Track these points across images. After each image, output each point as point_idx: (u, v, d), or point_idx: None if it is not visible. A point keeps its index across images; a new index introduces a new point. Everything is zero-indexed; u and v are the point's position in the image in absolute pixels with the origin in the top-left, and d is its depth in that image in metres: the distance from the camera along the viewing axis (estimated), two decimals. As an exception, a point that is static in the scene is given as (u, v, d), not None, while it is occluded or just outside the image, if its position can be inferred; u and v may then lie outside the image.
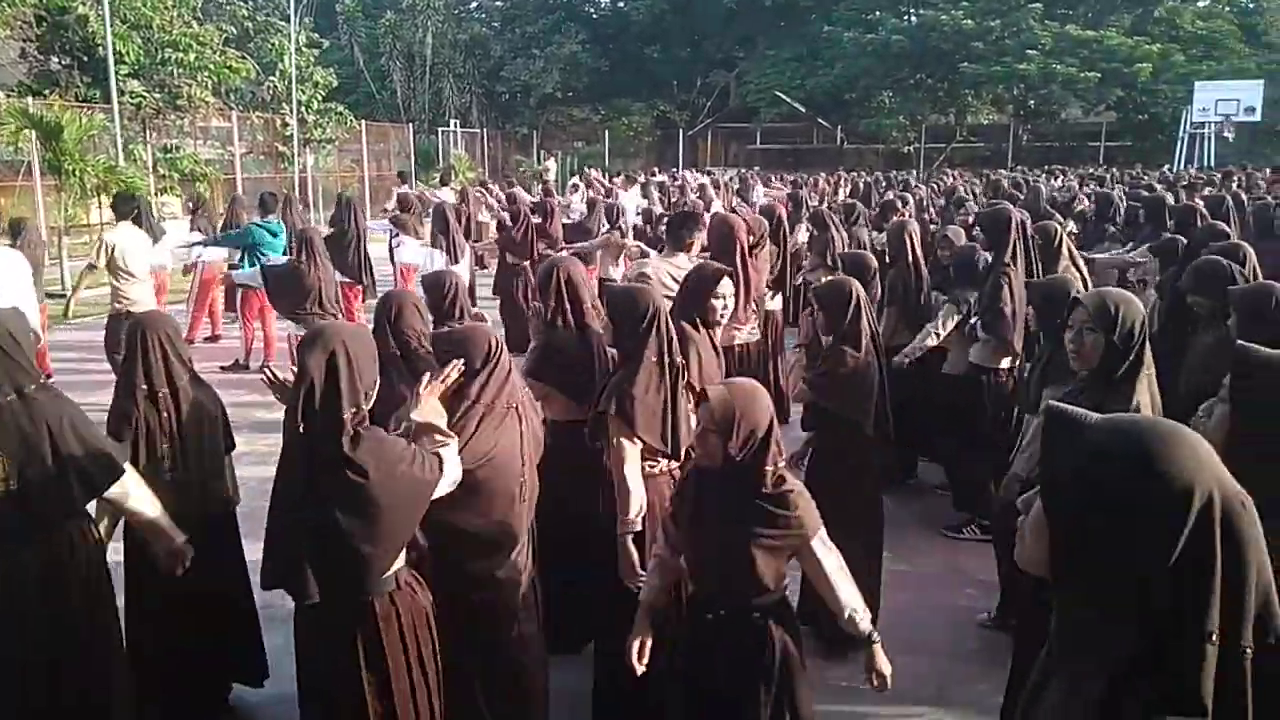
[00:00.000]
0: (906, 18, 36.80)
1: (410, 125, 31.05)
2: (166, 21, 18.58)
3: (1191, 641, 1.24)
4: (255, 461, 5.00)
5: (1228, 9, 35.38)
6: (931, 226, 7.92)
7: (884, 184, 17.91)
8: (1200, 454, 1.29)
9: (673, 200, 12.76)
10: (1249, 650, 1.25)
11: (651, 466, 3.20)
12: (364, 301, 8.83)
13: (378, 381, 2.51)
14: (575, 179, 19.72)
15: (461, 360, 2.73)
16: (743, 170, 26.36)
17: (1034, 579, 1.48)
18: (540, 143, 36.52)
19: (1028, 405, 4.05)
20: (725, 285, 3.72)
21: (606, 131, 36.72)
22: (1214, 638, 1.23)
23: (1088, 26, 33.51)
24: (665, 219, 7.54)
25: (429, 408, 2.56)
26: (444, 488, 2.50)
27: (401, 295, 3.95)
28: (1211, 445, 1.32)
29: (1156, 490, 1.25)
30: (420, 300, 4.05)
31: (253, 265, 7.97)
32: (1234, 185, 14.08)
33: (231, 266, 9.06)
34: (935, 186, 16.28)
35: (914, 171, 25.27)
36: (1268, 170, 18.19)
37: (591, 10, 42.38)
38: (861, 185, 16.10)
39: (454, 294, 4.28)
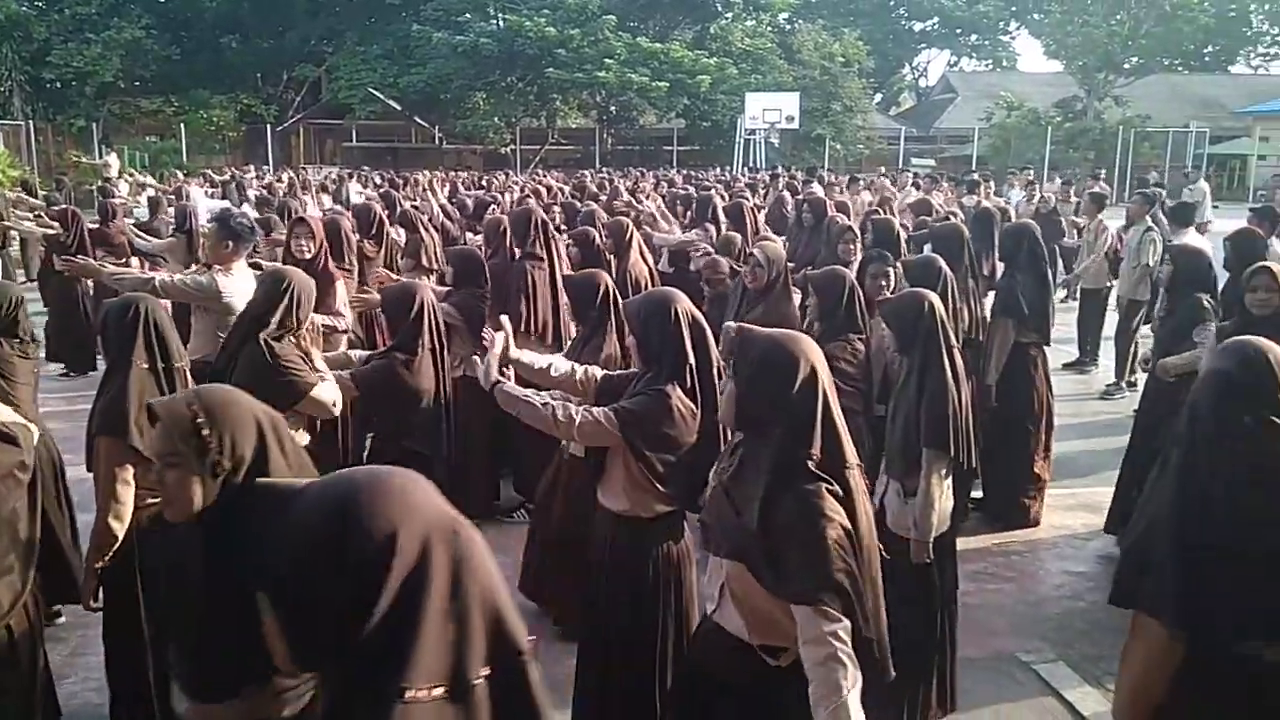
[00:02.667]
0: (494, 21, 37.80)
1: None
2: None
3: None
4: None
5: (769, 29, 40.59)
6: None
7: (484, 182, 18.42)
8: (408, 499, 1.24)
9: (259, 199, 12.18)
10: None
11: None
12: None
13: None
14: (147, 178, 18.00)
15: None
16: (342, 170, 25.63)
17: None
18: (103, 136, 32.56)
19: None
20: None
21: (183, 125, 33.66)
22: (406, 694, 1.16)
23: (656, 39, 36.69)
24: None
25: None
26: None
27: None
28: None
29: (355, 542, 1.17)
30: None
31: None
32: (780, 184, 16.27)
33: None
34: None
35: (510, 172, 26.13)
36: (800, 172, 21.16)
37: (156, -8, 38.55)
38: (460, 185, 16.44)
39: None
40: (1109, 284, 9.50)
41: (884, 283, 4.81)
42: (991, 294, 5.95)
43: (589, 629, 3.37)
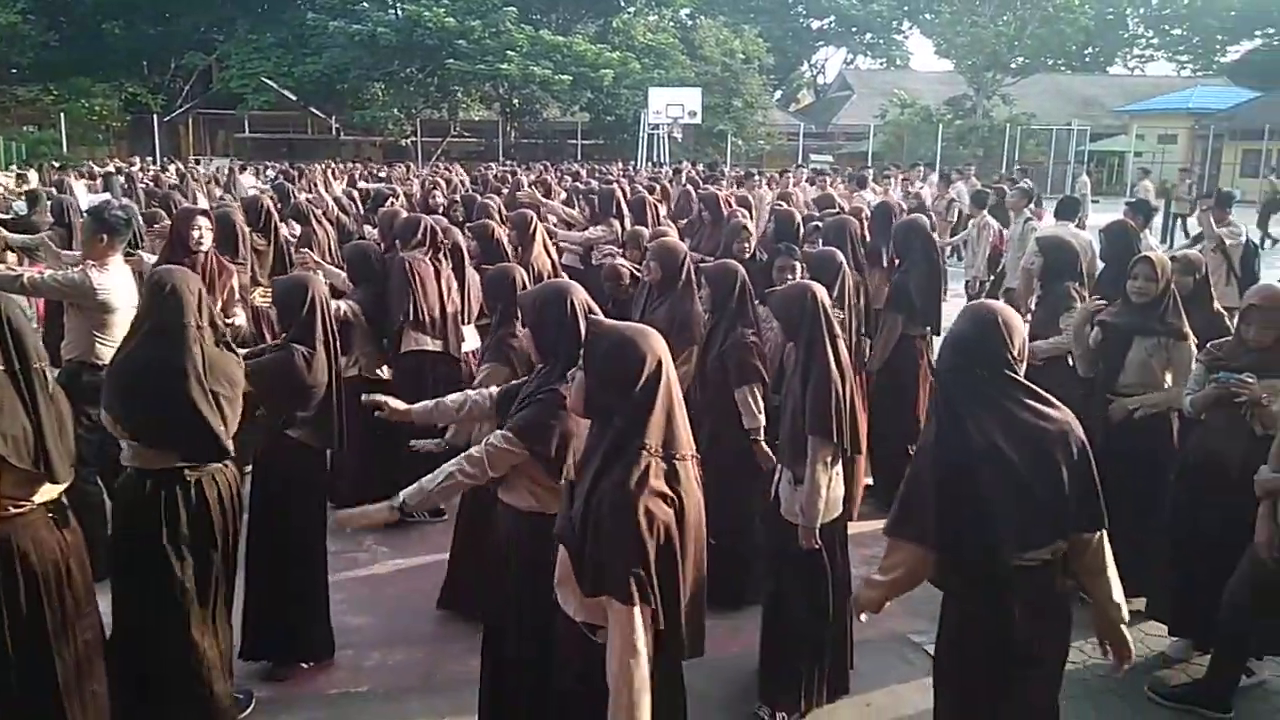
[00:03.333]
0: (392, 11, 37.06)
1: None
2: None
3: None
4: None
5: (671, 25, 40.84)
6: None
7: (383, 174, 18.08)
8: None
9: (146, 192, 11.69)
10: None
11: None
12: None
13: None
14: (30, 171, 17.11)
15: None
16: (233, 161, 24.79)
17: None
18: (-25, 127, 30.81)
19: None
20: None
21: (63, 114, 32.05)
22: None
23: (559, 32, 36.55)
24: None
25: None
26: None
27: None
28: None
29: None
30: None
31: None
32: (683, 178, 16.40)
33: None
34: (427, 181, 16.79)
35: (411, 165, 25.66)
36: (702, 166, 21.39)
37: (32, -24, 36.59)
38: (357, 176, 16.10)
39: None
40: (989, 277, 9.84)
41: (790, 276, 4.89)
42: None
43: (494, 628, 3.35)
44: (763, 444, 4.21)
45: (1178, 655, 4.25)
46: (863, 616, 2.78)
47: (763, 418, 4.21)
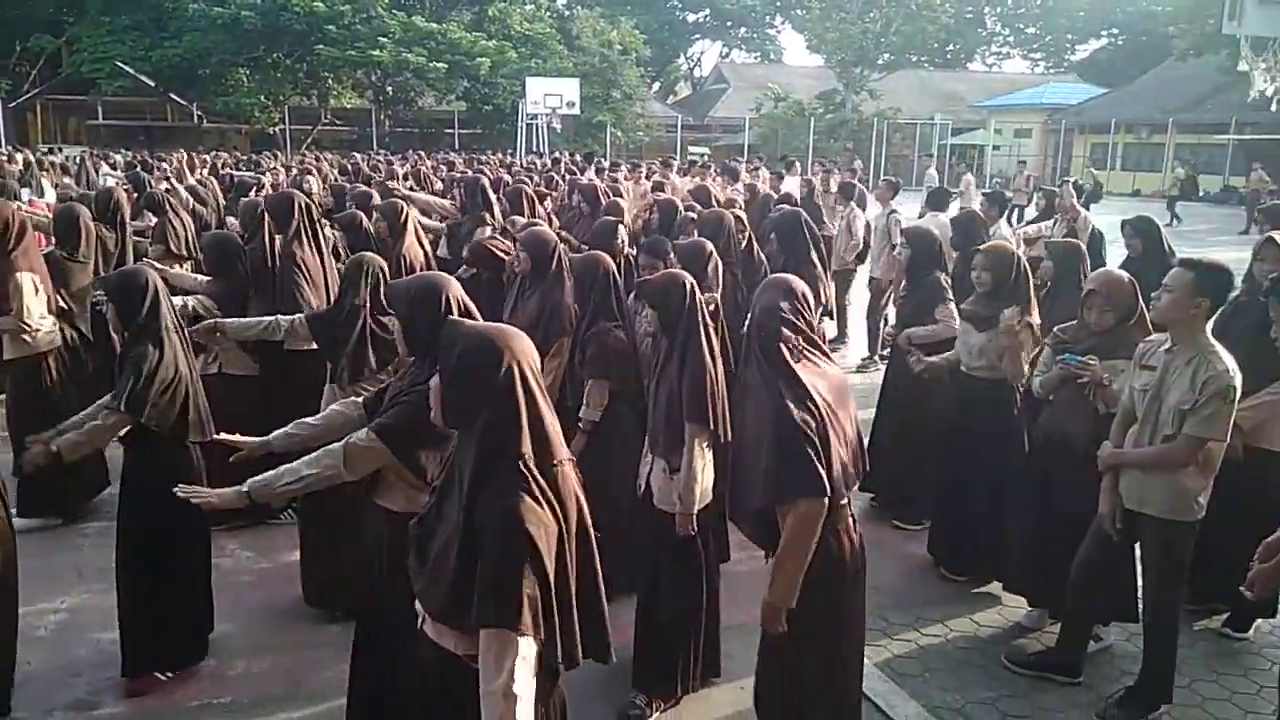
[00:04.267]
0: (258, -7, 35.60)
1: None
2: None
3: None
4: None
5: (548, 15, 40.56)
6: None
7: (250, 164, 17.34)
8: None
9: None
10: None
11: None
12: None
13: None
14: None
15: None
16: (85, 150, 23.38)
17: None
18: None
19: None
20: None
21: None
22: None
23: (433, 19, 35.84)
24: None
25: None
26: None
27: None
28: None
29: None
30: None
31: None
32: (561, 168, 16.32)
33: None
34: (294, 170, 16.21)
35: (278, 154, 24.73)
36: (579, 156, 21.32)
37: None
38: (220, 166, 15.40)
39: None
40: (856, 267, 10.15)
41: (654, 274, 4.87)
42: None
43: (364, 633, 3.26)
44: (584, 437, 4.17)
45: (1032, 624, 4.47)
46: None
47: (598, 414, 4.19)
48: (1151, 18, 45.59)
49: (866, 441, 5.69)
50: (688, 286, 3.62)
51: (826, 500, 2.75)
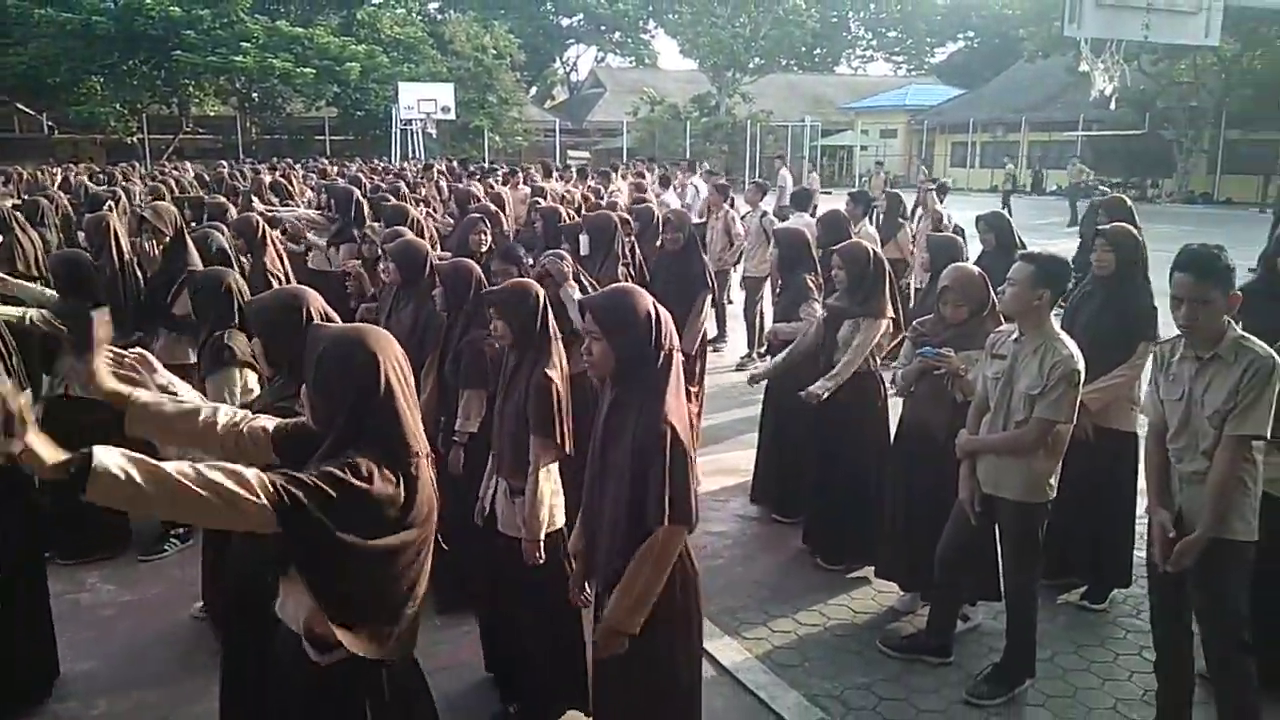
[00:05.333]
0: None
1: None
2: None
3: None
4: None
5: (419, 19, 39.89)
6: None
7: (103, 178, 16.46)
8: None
9: None
10: None
11: None
12: None
13: None
14: None
15: None
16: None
17: None
18: None
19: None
20: None
21: None
22: None
23: (298, 24, 34.76)
24: None
25: None
26: None
27: None
28: None
29: None
30: None
31: None
32: (434, 174, 16.07)
33: None
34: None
35: (137, 165, 23.56)
36: (455, 162, 21.09)
37: None
38: (72, 178, 14.60)
39: None
40: (732, 266, 10.34)
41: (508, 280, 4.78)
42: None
43: (232, 662, 3.15)
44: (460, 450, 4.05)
45: (905, 608, 4.63)
46: None
47: (475, 425, 4.04)
48: (1004, 20, 47.85)
49: (751, 440, 5.90)
50: (537, 295, 3.49)
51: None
